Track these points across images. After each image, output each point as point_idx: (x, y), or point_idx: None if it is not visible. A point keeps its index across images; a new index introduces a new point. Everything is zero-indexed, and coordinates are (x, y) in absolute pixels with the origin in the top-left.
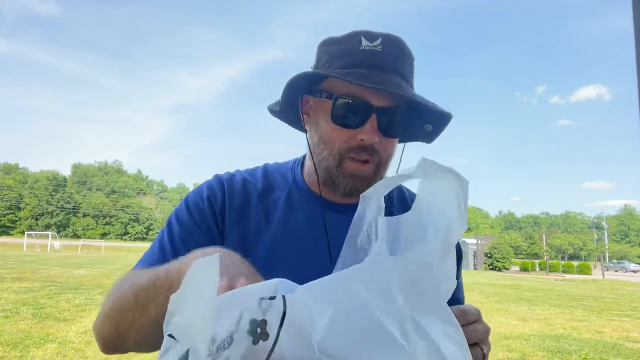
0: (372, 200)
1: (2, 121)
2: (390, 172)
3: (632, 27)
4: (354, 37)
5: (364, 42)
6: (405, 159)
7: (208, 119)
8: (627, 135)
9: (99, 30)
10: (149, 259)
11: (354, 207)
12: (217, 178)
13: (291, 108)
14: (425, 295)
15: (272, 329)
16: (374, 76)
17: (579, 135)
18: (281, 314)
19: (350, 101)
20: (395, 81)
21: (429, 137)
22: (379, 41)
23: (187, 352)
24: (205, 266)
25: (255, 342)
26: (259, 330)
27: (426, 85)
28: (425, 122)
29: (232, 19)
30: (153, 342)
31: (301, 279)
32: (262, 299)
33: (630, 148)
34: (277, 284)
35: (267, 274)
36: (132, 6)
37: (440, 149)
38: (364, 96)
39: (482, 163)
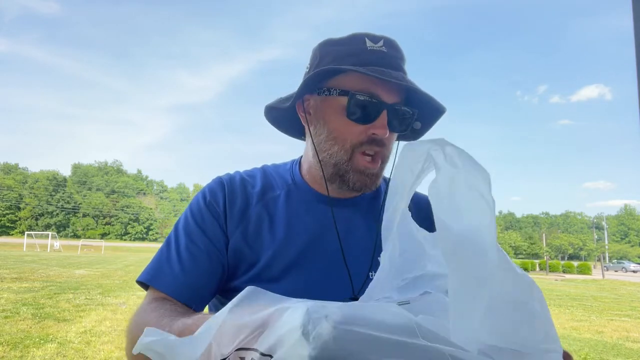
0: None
1: (2, 121)
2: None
3: (632, 26)
4: (358, 39)
5: (369, 43)
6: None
7: (208, 119)
8: (627, 135)
9: (99, 30)
10: (156, 270)
11: (356, 200)
12: (218, 180)
13: (284, 111)
14: None
15: None
16: (389, 72)
17: (580, 135)
18: None
19: (366, 97)
20: (404, 77)
21: (416, 134)
22: (381, 43)
23: None
24: None
25: None
26: None
27: (426, 85)
28: (420, 117)
29: (232, 19)
30: None
31: (307, 273)
32: None
33: (631, 148)
34: None
35: (273, 270)
36: (132, 6)
37: None
38: (377, 93)
39: (482, 163)
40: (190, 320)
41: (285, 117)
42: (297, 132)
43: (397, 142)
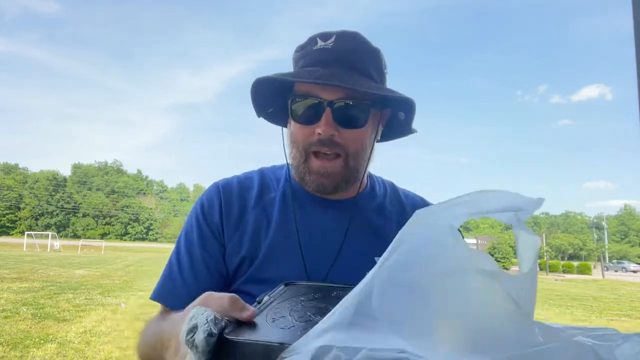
0: None
1: (2, 121)
2: (365, 167)
3: (632, 26)
4: (312, 40)
5: (319, 43)
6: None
7: (208, 119)
8: (628, 135)
9: (99, 30)
10: (162, 288)
11: (348, 202)
12: (214, 187)
13: (284, 113)
14: None
15: None
16: (320, 72)
17: (580, 135)
18: None
19: (303, 99)
20: (340, 73)
21: (403, 129)
22: (332, 39)
23: None
24: None
25: None
26: None
27: (427, 85)
28: (392, 112)
29: (232, 19)
30: None
31: (302, 271)
32: None
33: (631, 148)
34: None
35: (266, 271)
36: (132, 6)
37: (441, 149)
38: (316, 93)
39: (482, 163)
40: (180, 313)
41: (284, 122)
42: None
43: (374, 144)
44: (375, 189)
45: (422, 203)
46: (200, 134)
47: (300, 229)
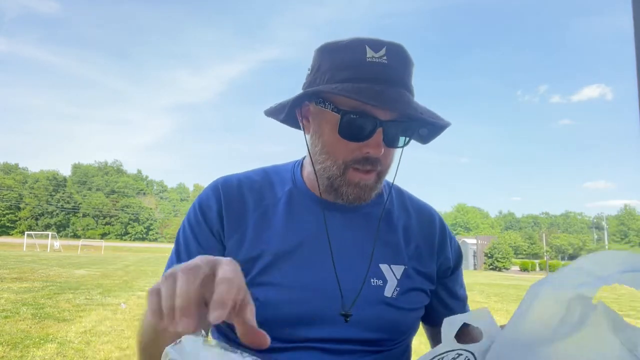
0: None
1: (2, 121)
2: (389, 176)
3: (632, 26)
4: (358, 46)
5: (369, 53)
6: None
7: (208, 118)
8: (628, 135)
9: (99, 30)
10: None
11: (355, 207)
12: (213, 185)
13: (287, 109)
14: None
15: None
16: (384, 92)
17: (580, 135)
18: None
19: (358, 116)
20: (403, 96)
21: (423, 140)
22: (383, 51)
23: None
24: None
25: None
26: None
27: (427, 85)
28: (424, 127)
29: (232, 19)
30: None
31: (305, 279)
32: None
33: (631, 148)
34: None
35: (270, 275)
36: (132, 6)
37: (441, 148)
38: (371, 111)
39: (482, 163)
40: None
41: (286, 117)
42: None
43: (402, 148)
44: (382, 193)
45: (427, 211)
46: (200, 134)
47: (311, 233)
